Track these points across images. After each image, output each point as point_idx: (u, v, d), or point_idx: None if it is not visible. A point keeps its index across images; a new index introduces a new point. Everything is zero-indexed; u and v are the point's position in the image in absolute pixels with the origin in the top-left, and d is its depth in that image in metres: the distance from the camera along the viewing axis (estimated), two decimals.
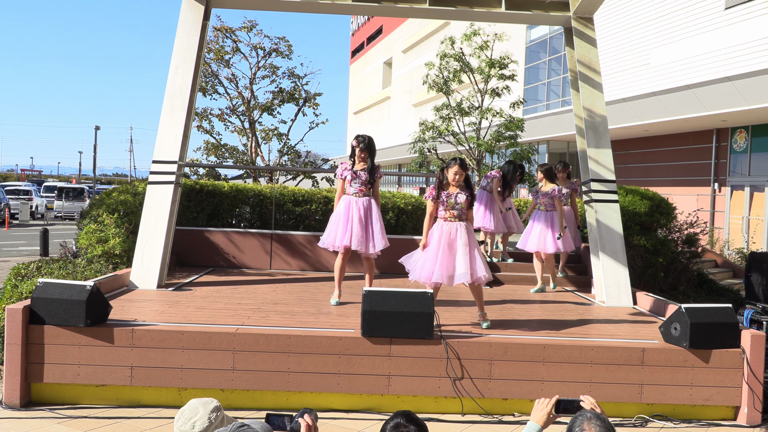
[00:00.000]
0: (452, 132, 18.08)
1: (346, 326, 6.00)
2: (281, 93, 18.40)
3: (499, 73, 17.69)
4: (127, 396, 5.59)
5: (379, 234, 6.95)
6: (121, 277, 7.47)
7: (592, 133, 8.35)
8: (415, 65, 41.04)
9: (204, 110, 18.02)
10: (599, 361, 5.67)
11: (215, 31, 17.81)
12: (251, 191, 10.59)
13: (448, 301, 7.54)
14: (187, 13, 8.21)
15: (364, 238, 6.87)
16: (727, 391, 5.73)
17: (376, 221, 6.98)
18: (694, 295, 9.72)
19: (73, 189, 33.83)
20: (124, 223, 8.71)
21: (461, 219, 6.27)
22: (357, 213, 6.89)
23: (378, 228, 6.97)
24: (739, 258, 14.34)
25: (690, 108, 17.42)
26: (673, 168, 21.39)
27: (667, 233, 10.22)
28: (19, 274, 7.75)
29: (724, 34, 16.19)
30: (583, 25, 8.68)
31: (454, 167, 6.27)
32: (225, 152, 18.09)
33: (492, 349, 5.65)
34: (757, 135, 18.34)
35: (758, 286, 9.98)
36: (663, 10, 18.58)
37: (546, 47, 26.11)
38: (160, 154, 7.92)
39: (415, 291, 5.71)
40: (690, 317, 5.69)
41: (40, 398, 5.58)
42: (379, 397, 5.65)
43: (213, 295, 7.40)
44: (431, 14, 9.15)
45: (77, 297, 5.45)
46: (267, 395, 5.62)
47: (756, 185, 18.41)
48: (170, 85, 8.04)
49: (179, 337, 5.53)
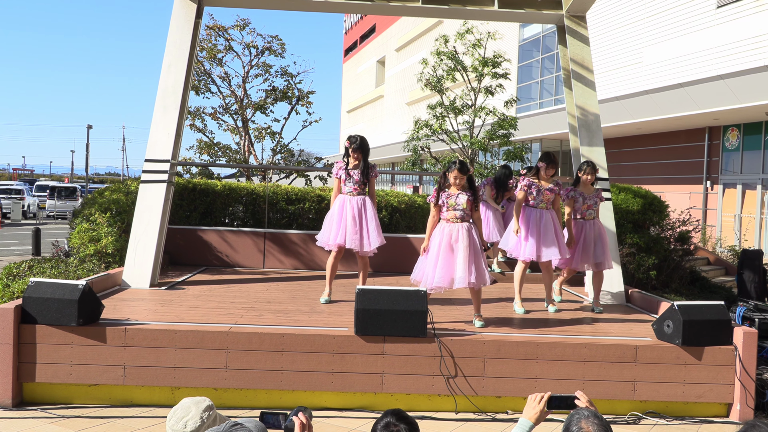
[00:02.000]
0: (445, 130, 18.10)
1: (340, 325, 6.00)
2: (274, 91, 18.36)
3: (492, 72, 17.70)
4: (119, 395, 5.57)
5: (375, 231, 6.94)
6: (114, 276, 7.44)
7: (585, 132, 8.37)
8: (408, 64, 41.06)
9: (197, 109, 17.97)
10: (592, 358, 5.68)
11: (208, 29, 17.76)
12: (244, 190, 10.57)
13: (441, 299, 7.53)
14: (180, 11, 8.18)
15: (357, 235, 6.86)
16: (720, 388, 5.75)
17: (372, 219, 6.97)
18: (686, 293, 9.76)
19: (65, 188, 33.74)
20: (117, 222, 8.68)
21: (464, 220, 6.22)
22: (351, 211, 6.89)
23: (373, 226, 6.95)
24: (732, 256, 14.40)
25: (682, 106, 17.49)
26: (665, 166, 21.46)
27: (660, 231, 10.25)
28: (11, 273, 7.71)
29: (716, 32, 16.25)
30: (575, 24, 8.69)
31: (454, 171, 6.25)
32: (218, 151, 18.04)
33: (485, 347, 5.65)
34: (749, 133, 18.42)
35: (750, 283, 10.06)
36: (655, 8, 18.64)
37: (539, 46, 26.16)
38: (153, 152, 7.89)
39: (408, 289, 5.71)
40: (683, 315, 5.71)
41: (32, 398, 5.55)
42: (373, 395, 5.65)
43: (206, 294, 7.38)
44: (424, 12, 9.14)
45: (69, 296, 5.42)
46: (260, 394, 5.61)
47: (748, 183, 18.50)
48: (162, 84, 8.01)
49: (172, 336, 5.51)
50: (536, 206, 7.09)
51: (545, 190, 7.12)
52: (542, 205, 7.11)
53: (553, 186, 7.18)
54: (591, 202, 7.38)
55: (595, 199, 7.43)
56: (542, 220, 7.03)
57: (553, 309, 7.22)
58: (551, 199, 7.16)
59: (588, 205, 7.37)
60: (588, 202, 7.37)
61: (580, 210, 7.40)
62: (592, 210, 7.40)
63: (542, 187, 7.12)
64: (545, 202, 7.12)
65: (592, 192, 7.44)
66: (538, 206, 7.09)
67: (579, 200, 7.38)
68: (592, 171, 7.38)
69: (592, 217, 7.40)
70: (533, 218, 7.05)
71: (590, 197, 7.38)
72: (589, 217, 7.38)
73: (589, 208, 7.38)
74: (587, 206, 7.38)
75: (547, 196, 7.12)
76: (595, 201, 7.43)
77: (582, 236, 7.32)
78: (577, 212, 7.41)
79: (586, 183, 7.39)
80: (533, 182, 7.14)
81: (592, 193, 7.42)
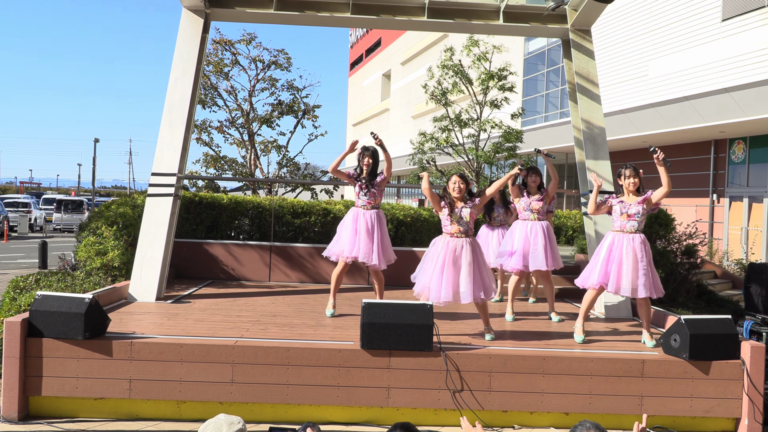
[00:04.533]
0: (451, 144, 18.13)
1: (346, 338, 5.99)
2: (280, 105, 18.43)
3: (498, 85, 17.75)
4: (125, 409, 5.57)
5: (388, 247, 7.04)
6: (120, 290, 7.46)
7: (590, 145, 8.38)
8: (413, 77, 41.16)
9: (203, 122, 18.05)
10: (599, 372, 5.66)
11: (214, 43, 17.87)
12: (250, 203, 10.60)
13: (447, 312, 7.52)
14: (187, 26, 8.24)
15: (371, 250, 6.88)
16: (728, 403, 5.71)
17: (386, 234, 7.05)
18: (693, 306, 9.72)
19: (72, 201, 33.86)
20: (123, 236, 8.70)
21: (467, 235, 6.24)
22: (365, 225, 6.92)
23: (387, 241, 7.06)
24: (739, 269, 14.34)
25: (688, 119, 17.47)
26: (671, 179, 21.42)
27: (666, 244, 10.22)
28: (18, 286, 7.74)
29: (721, 45, 16.26)
30: (580, 38, 8.72)
31: (453, 176, 6.30)
32: (224, 164, 18.10)
33: (491, 361, 5.63)
34: (755, 146, 18.39)
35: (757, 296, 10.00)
36: (660, 22, 18.68)
37: (544, 59, 26.21)
38: (159, 166, 7.93)
39: (414, 303, 5.70)
40: (690, 328, 5.68)
41: (38, 411, 5.55)
42: (379, 409, 5.63)
43: (212, 307, 7.38)
44: (429, 27, 9.19)
45: (76, 310, 5.44)
46: (266, 408, 5.61)
47: (754, 196, 18.44)
48: (169, 98, 8.06)
49: (178, 350, 5.52)
50: (527, 219, 7.42)
51: (534, 200, 7.42)
52: (533, 216, 7.40)
53: (541, 196, 7.45)
54: (633, 212, 6.28)
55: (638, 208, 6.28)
56: (532, 232, 7.33)
57: (556, 319, 7.34)
58: (540, 209, 7.40)
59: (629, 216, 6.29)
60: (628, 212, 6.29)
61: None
62: (635, 221, 6.29)
63: (532, 198, 7.45)
64: (534, 212, 7.40)
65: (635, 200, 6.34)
66: (528, 219, 7.41)
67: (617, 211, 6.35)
68: (634, 174, 6.38)
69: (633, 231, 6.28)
70: (524, 230, 7.38)
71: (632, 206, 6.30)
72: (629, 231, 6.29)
73: (630, 219, 6.29)
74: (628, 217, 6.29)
75: (534, 206, 7.41)
76: (638, 211, 6.28)
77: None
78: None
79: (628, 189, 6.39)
80: (522, 197, 7.50)
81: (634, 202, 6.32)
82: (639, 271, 6.15)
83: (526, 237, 7.32)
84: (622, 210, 6.29)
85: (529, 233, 7.32)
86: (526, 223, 7.40)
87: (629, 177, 6.37)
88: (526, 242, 7.30)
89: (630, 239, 6.22)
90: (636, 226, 6.26)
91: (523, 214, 7.45)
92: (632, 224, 6.25)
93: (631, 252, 6.18)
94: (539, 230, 7.31)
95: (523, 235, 7.35)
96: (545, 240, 7.26)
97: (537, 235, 7.28)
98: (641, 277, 6.14)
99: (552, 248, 7.32)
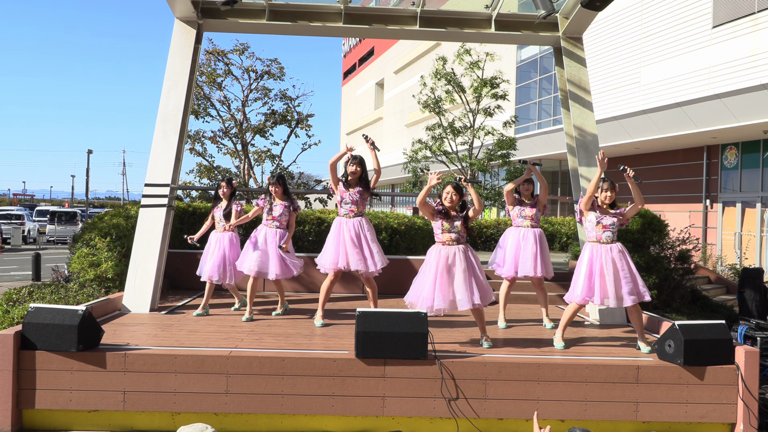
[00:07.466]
0: (444, 152, 18.16)
1: (340, 348, 5.98)
2: (273, 115, 18.47)
3: (491, 93, 17.81)
4: (119, 421, 5.54)
5: (378, 253, 6.95)
6: (114, 301, 7.43)
7: (583, 152, 8.40)
8: (406, 86, 41.26)
9: (196, 133, 18.07)
10: (594, 379, 5.66)
11: (207, 54, 17.91)
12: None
13: (442, 320, 7.52)
14: (179, 36, 8.26)
15: (360, 257, 6.83)
16: (723, 408, 5.72)
17: (373, 240, 6.96)
18: (687, 312, 9.73)
19: (66, 213, 33.75)
20: (117, 247, 8.68)
21: (459, 242, 6.25)
22: (348, 233, 6.87)
23: (376, 246, 6.97)
24: (732, 274, 14.37)
25: (680, 125, 17.56)
26: (664, 185, 21.50)
27: (660, 250, 10.24)
28: (11, 299, 7.71)
29: (713, 52, 16.37)
30: (572, 45, 8.77)
31: (446, 187, 6.32)
32: (218, 174, 18.11)
33: (486, 368, 5.63)
34: (748, 151, 18.48)
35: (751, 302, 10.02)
36: (651, 29, 18.79)
37: (536, 67, 26.32)
38: (153, 177, 7.92)
39: (409, 311, 5.70)
40: (684, 334, 5.69)
41: (31, 425, 5.52)
42: (374, 418, 5.62)
43: (206, 318, 7.36)
44: (422, 36, 9.22)
45: (69, 322, 5.42)
46: (261, 418, 5.59)
47: (747, 201, 18.52)
48: (162, 108, 8.06)
49: (172, 361, 5.50)
50: (520, 226, 7.45)
51: (528, 207, 7.46)
52: (526, 223, 7.41)
53: (534, 202, 7.50)
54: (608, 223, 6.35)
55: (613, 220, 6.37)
56: (524, 238, 7.35)
57: (550, 326, 7.43)
58: (533, 215, 7.42)
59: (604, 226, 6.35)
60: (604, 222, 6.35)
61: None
62: (610, 232, 6.35)
63: (525, 205, 7.49)
64: (528, 219, 7.40)
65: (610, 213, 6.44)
66: (521, 226, 7.43)
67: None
68: (611, 188, 6.48)
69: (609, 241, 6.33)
70: (516, 237, 7.40)
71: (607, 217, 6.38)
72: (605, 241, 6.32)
73: (605, 229, 6.34)
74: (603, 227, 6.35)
75: (527, 213, 7.42)
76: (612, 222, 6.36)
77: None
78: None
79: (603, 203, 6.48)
80: (516, 205, 7.53)
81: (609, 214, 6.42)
82: (621, 280, 6.18)
83: (518, 243, 7.35)
84: (597, 220, 6.35)
85: (521, 240, 7.35)
86: (519, 229, 7.43)
87: (606, 190, 6.44)
88: (518, 249, 7.34)
89: (608, 250, 6.28)
90: (611, 236, 6.33)
91: (517, 220, 7.47)
92: (608, 235, 6.31)
93: (610, 263, 6.22)
94: (531, 237, 7.31)
95: (516, 241, 7.38)
96: (536, 247, 7.26)
97: (528, 242, 7.30)
98: (624, 286, 6.17)
99: (543, 256, 7.29)
